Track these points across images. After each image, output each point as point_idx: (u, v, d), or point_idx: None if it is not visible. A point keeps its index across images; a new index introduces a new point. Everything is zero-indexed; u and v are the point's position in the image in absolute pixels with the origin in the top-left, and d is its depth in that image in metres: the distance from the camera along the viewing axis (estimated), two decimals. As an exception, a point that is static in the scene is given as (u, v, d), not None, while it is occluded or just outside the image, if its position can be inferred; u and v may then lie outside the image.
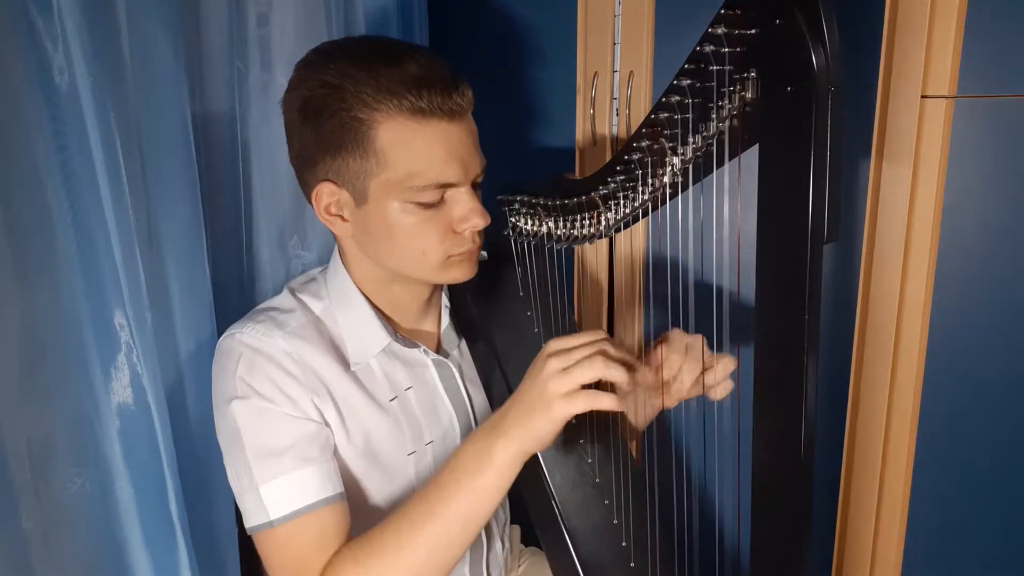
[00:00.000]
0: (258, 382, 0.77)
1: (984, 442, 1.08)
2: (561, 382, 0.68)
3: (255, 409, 0.77)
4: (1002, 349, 1.04)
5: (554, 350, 0.70)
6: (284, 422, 0.78)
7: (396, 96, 0.73)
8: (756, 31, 0.56)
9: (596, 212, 0.79)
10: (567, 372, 0.68)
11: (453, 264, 0.81)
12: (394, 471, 0.85)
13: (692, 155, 0.67)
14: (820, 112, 0.53)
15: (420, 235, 0.78)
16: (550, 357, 0.70)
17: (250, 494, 0.77)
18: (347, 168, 0.76)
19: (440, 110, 0.74)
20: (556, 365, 0.69)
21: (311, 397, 0.79)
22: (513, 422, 0.71)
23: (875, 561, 1.15)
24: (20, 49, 0.67)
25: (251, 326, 0.80)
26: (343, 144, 0.75)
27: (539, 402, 0.69)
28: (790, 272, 0.57)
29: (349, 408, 0.82)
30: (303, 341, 0.80)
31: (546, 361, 0.69)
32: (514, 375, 0.87)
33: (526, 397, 0.70)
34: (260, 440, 0.77)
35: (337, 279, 0.86)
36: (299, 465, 0.77)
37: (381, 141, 0.74)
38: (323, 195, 0.79)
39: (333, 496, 0.78)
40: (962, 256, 1.03)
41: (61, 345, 0.73)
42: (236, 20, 0.95)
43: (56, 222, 0.71)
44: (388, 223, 0.78)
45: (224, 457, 0.81)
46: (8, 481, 0.69)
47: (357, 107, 0.73)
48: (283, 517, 0.76)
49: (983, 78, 0.98)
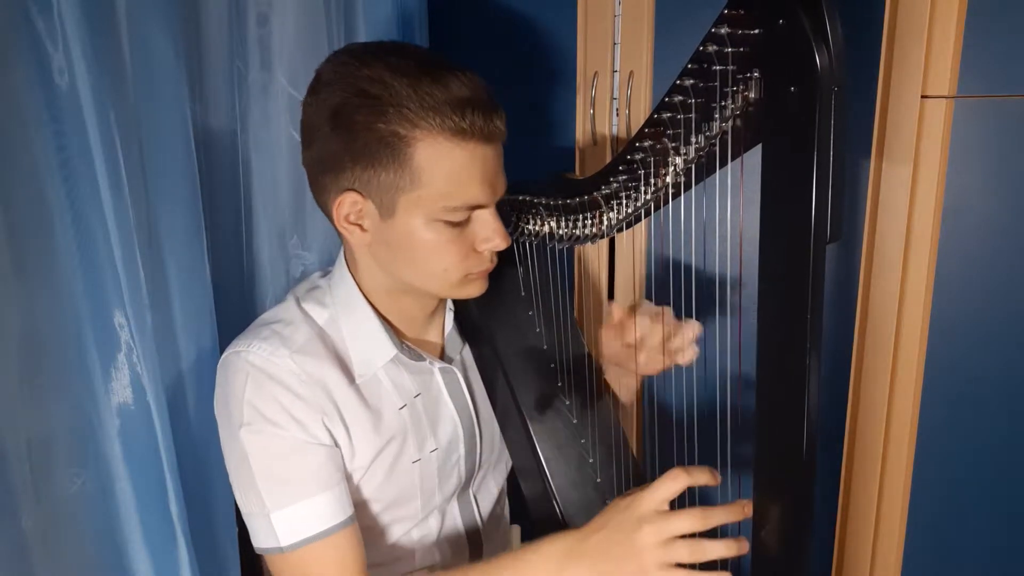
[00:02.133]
0: (267, 407, 0.76)
1: (984, 442, 1.08)
2: (658, 555, 0.66)
3: (264, 436, 0.76)
4: (1002, 349, 1.04)
5: (649, 513, 0.68)
6: (293, 449, 0.76)
7: (440, 115, 0.71)
8: (759, 31, 0.56)
9: (598, 212, 0.79)
10: (667, 546, 0.66)
11: (469, 282, 0.80)
12: (399, 480, 0.85)
13: (695, 155, 0.67)
14: (823, 112, 0.53)
15: (443, 253, 0.77)
16: (645, 523, 0.67)
17: (260, 519, 0.76)
18: (377, 180, 0.74)
19: (480, 133, 0.73)
20: (654, 537, 0.67)
21: (321, 418, 0.78)
22: (592, 565, 0.69)
23: (875, 561, 1.15)
24: (20, 49, 0.67)
25: (257, 344, 0.78)
26: (377, 156, 0.72)
27: (629, 565, 0.68)
28: (793, 272, 0.57)
29: (356, 423, 0.81)
30: (310, 358, 0.79)
31: (639, 525, 0.67)
32: (516, 376, 0.87)
33: (612, 551, 0.69)
34: (270, 468, 0.76)
35: (343, 287, 0.84)
36: (310, 492, 0.76)
37: (419, 159, 0.72)
38: (345, 204, 0.76)
39: (344, 521, 0.77)
40: (962, 256, 1.03)
41: (61, 345, 0.73)
42: (236, 20, 0.95)
43: (56, 222, 0.71)
44: (412, 239, 0.76)
45: (230, 476, 0.80)
46: (8, 481, 0.68)
47: (397, 122, 0.71)
48: (294, 544, 0.75)
49: (983, 78, 0.98)
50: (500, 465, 0.98)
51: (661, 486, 0.68)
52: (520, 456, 0.88)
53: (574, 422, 0.88)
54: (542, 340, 0.92)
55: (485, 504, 0.96)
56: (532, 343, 0.91)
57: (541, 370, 0.90)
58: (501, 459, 0.97)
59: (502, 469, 0.99)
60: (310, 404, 0.77)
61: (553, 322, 0.93)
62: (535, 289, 0.94)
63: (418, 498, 0.87)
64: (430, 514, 0.89)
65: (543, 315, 0.94)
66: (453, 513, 0.92)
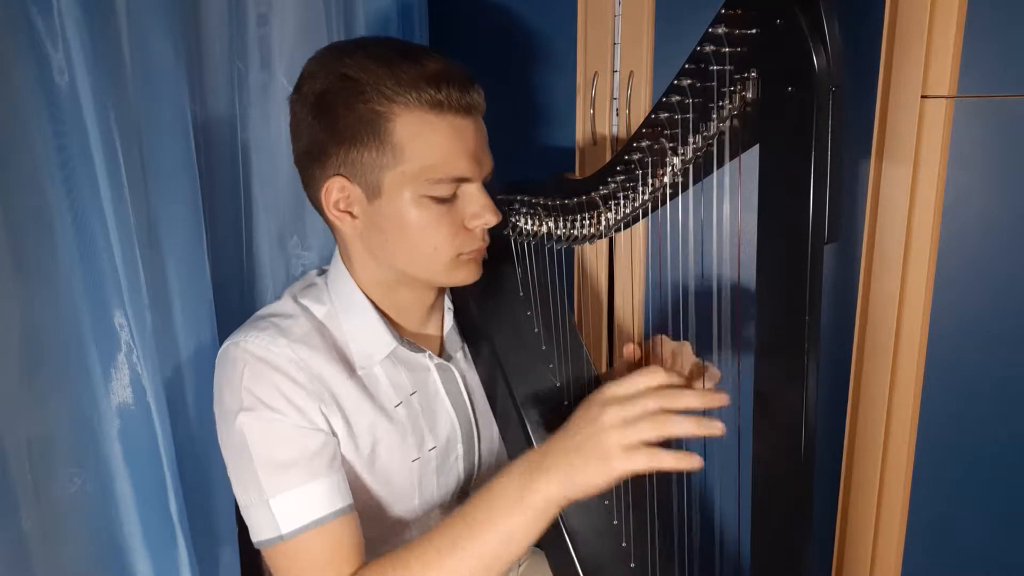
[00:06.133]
0: (264, 393, 0.76)
1: (984, 442, 1.08)
2: (622, 434, 0.64)
3: (262, 421, 0.76)
4: (1002, 349, 1.04)
5: (612, 397, 0.66)
6: (292, 434, 0.77)
7: (415, 89, 0.73)
8: (757, 31, 0.56)
9: (596, 212, 0.79)
10: (630, 425, 0.64)
11: (461, 264, 0.81)
12: (398, 478, 0.85)
13: (692, 155, 0.66)
14: (821, 112, 0.53)
15: (432, 231, 0.78)
16: (608, 405, 0.66)
17: (259, 508, 0.76)
18: (361, 161, 0.76)
19: (458, 105, 0.75)
20: (616, 415, 0.65)
21: (319, 405, 0.78)
22: (556, 463, 0.67)
23: (875, 561, 1.15)
24: (20, 49, 0.67)
25: (254, 334, 0.78)
26: (358, 136, 0.75)
27: (594, 451, 0.65)
28: (791, 272, 0.57)
29: (356, 416, 0.81)
30: (308, 348, 0.79)
31: (603, 408, 0.66)
32: (514, 376, 0.87)
33: (575, 440, 0.66)
34: (268, 453, 0.76)
35: (340, 282, 0.85)
36: (309, 478, 0.76)
37: (398, 134, 0.74)
38: (333, 190, 0.78)
39: (343, 508, 0.77)
40: (962, 256, 1.03)
41: (61, 345, 0.73)
42: (236, 20, 0.95)
43: (56, 222, 0.71)
44: (400, 218, 0.77)
45: (229, 469, 0.80)
46: (8, 481, 0.69)
47: (376, 99, 0.73)
48: (294, 531, 0.75)
49: (983, 78, 0.97)
50: (501, 466, 0.98)
51: (631, 377, 0.67)
52: (518, 455, 0.88)
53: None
54: (540, 340, 0.92)
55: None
56: (530, 343, 0.91)
57: (539, 370, 0.90)
58: (502, 460, 0.97)
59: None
60: (308, 391, 0.77)
61: (552, 322, 0.93)
62: (534, 289, 0.94)
63: (416, 497, 0.87)
64: (429, 513, 0.89)
65: (542, 315, 0.94)
66: (452, 513, 0.92)
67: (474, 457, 0.92)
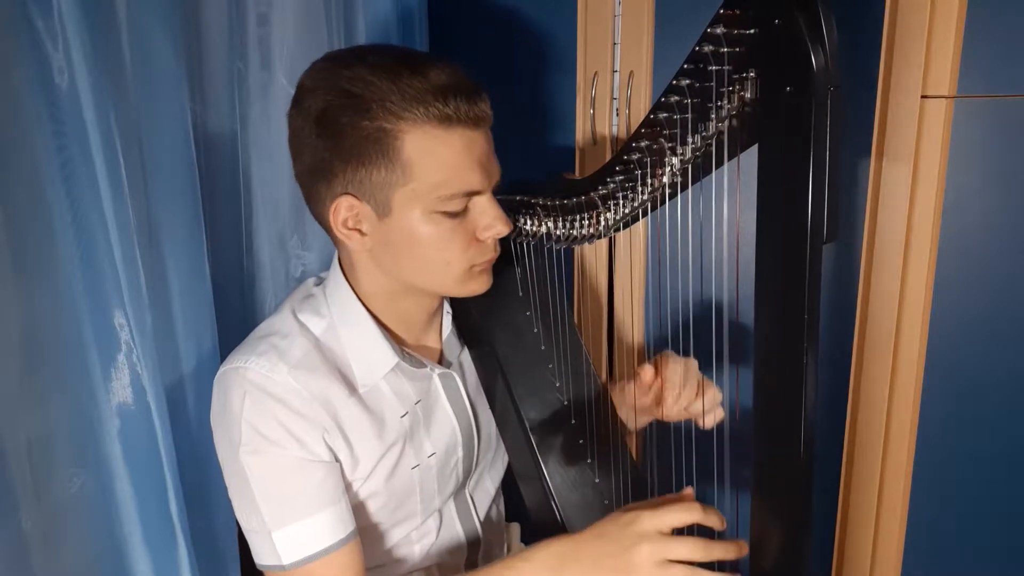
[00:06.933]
0: (266, 426, 0.75)
1: (984, 442, 1.08)
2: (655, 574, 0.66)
3: (265, 456, 0.75)
4: (1002, 349, 1.04)
5: (649, 531, 0.67)
6: (295, 467, 0.76)
7: (422, 104, 0.70)
8: (755, 31, 0.56)
9: (595, 212, 0.79)
10: (662, 569, 0.66)
11: (474, 276, 0.79)
12: (398, 486, 0.84)
13: (691, 155, 0.67)
14: (819, 112, 0.53)
15: (445, 245, 0.76)
16: (644, 541, 0.67)
17: (261, 536, 0.76)
18: (370, 180, 0.73)
19: (466, 117, 0.72)
20: (650, 556, 0.66)
21: (321, 435, 0.77)
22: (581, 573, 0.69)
23: (875, 561, 1.15)
24: (20, 49, 0.67)
25: (254, 360, 0.76)
26: (366, 155, 0.72)
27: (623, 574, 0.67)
28: (790, 272, 0.57)
29: (357, 435, 0.80)
30: (308, 372, 0.78)
31: (639, 542, 0.67)
32: (513, 376, 0.87)
33: (605, 560, 0.68)
34: (271, 487, 0.75)
35: (339, 293, 0.82)
36: (312, 510, 0.76)
37: (408, 151, 0.71)
38: (341, 209, 0.75)
39: (345, 537, 0.77)
40: (962, 256, 1.03)
41: (61, 345, 0.73)
42: (236, 20, 0.95)
43: (56, 222, 0.71)
44: (412, 235, 0.75)
45: (230, 493, 0.79)
46: (8, 481, 0.69)
47: (382, 116, 0.70)
48: (296, 562, 0.75)
49: (983, 78, 0.98)
50: (497, 464, 0.98)
51: (669, 512, 0.68)
52: (518, 456, 0.88)
53: (572, 423, 0.88)
54: (540, 340, 0.92)
55: (482, 503, 0.96)
56: (530, 344, 0.91)
57: (539, 371, 0.90)
58: (497, 458, 0.97)
59: (499, 468, 0.99)
60: (310, 421, 0.76)
61: (551, 323, 0.93)
62: (533, 290, 0.94)
63: (418, 502, 0.87)
64: (429, 516, 0.89)
65: (541, 316, 0.94)
66: (451, 514, 0.92)
67: (472, 459, 0.92)
